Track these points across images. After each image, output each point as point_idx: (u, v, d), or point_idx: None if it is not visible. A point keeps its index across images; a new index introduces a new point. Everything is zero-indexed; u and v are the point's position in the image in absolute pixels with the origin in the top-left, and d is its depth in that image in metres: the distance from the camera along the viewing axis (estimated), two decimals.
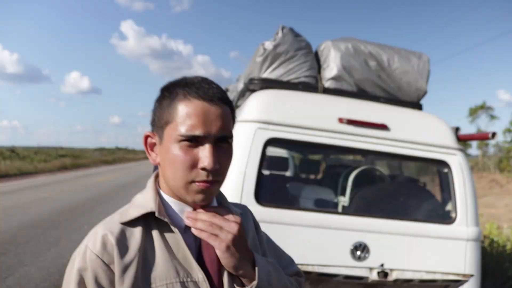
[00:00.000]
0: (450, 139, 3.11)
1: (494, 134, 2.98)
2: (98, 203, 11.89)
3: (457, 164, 3.04)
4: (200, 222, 1.10)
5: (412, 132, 3.06)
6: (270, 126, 2.76)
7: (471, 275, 2.63)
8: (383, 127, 2.99)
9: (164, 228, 1.12)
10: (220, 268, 1.13)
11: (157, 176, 1.22)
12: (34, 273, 5.56)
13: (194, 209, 1.15)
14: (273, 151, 5.82)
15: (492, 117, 43.87)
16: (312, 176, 5.55)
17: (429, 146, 3.02)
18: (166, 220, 1.10)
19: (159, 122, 1.12)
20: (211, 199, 1.14)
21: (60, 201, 11.87)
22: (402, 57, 3.51)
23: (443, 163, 3.06)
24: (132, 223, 1.11)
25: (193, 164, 1.05)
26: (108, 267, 1.04)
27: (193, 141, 1.06)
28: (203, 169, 1.05)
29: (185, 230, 1.15)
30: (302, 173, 5.27)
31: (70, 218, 9.43)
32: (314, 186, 3.94)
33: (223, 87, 1.25)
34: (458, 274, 2.58)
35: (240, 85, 4.33)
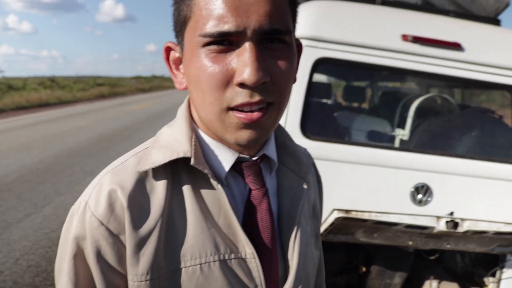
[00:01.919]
0: None
1: None
2: (134, 131, 11.83)
3: None
4: None
5: (489, 53, 2.51)
6: (321, 43, 2.27)
7: None
8: (456, 46, 2.44)
9: (200, 182, 0.75)
10: (273, 240, 0.79)
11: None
12: (70, 203, 5.45)
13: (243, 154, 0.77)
14: (315, 77, 5.33)
15: None
16: (357, 105, 5.05)
17: (509, 70, 2.48)
18: (206, 171, 0.71)
19: (177, 22, 0.72)
20: (265, 137, 0.73)
21: (97, 129, 11.94)
22: None
23: None
24: (154, 172, 0.75)
25: (227, 79, 0.67)
26: (116, 238, 0.72)
27: (224, 43, 0.67)
28: (242, 85, 0.66)
29: (229, 185, 0.79)
30: (346, 102, 4.76)
31: (106, 146, 9.40)
32: (367, 116, 3.47)
33: None
34: None
35: None
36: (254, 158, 0.80)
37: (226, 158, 0.77)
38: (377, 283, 2.75)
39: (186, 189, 0.75)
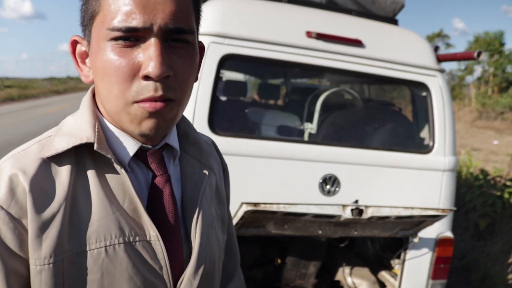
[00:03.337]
0: (430, 59, 2.74)
1: (479, 54, 2.63)
2: None
3: (437, 87, 2.70)
4: None
5: (389, 50, 2.67)
6: (226, 40, 2.29)
7: (450, 210, 2.37)
8: (357, 43, 2.57)
9: (105, 167, 0.79)
10: (176, 223, 0.85)
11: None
12: None
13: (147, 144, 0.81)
14: (228, 75, 5.35)
15: (448, 45, 44.14)
16: (272, 102, 5.16)
17: (407, 66, 2.65)
18: (109, 156, 0.74)
19: (85, 16, 0.75)
20: (167, 129, 0.77)
21: (5, 135, 11.14)
22: None
23: (422, 86, 2.71)
24: (57, 158, 0.77)
25: (133, 72, 0.72)
26: (17, 222, 0.72)
27: (131, 38, 0.72)
28: (146, 77, 0.72)
29: (133, 171, 0.83)
30: (261, 99, 4.85)
31: None
32: (277, 111, 3.55)
33: None
34: (437, 209, 2.31)
35: None
36: (157, 147, 0.85)
37: (129, 146, 0.81)
38: (293, 274, 2.83)
39: (91, 175, 0.77)
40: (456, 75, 37.67)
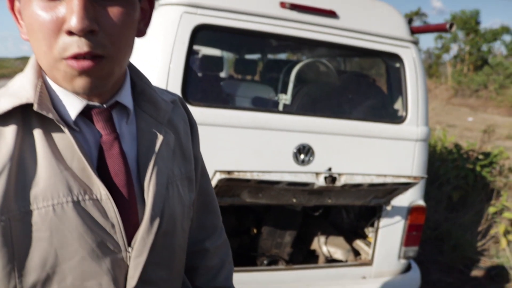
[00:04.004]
0: (403, 31, 2.77)
1: (452, 25, 2.66)
2: None
3: (410, 59, 2.73)
4: None
5: (363, 21, 2.68)
6: (199, 10, 2.27)
7: (422, 178, 2.43)
8: (331, 13, 2.58)
9: (51, 127, 0.76)
10: (128, 183, 0.83)
11: None
12: None
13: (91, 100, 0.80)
14: (204, 51, 5.32)
15: (426, 23, 44.56)
16: (250, 78, 5.16)
17: (381, 38, 2.67)
18: (50, 115, 0.72)
19: None
20: (103, 86, 0.76)
21: None
22: None
23: (395, 57, 2.74)
24: (2, 119, 0.75)
25: (57, 28, 0.70)
26: None
27: None
28: (70, 32, 0.70)
29: (81, 131, 0.79)
30: (238, 74, 4.84)
31: None
32: (251, 84, 3.56)
33: None
34: (409, 177, 2.37)
35: None
36: (105, 105, 0.83)
37: (74, 105, 0.79)
38: (268, 243, 2.87)
39: (38, 135, 0.75)
40: (433, 53, 38.00)
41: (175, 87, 2.20)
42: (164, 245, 0.88)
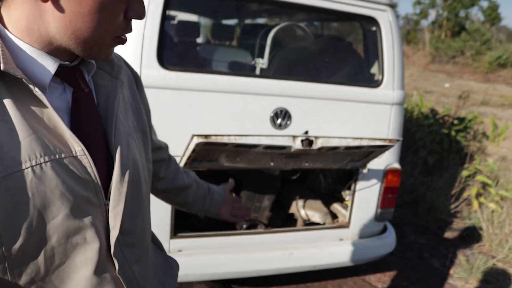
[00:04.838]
0: None
1: None
2: None
3: (387, 22, 2.72)
4: None
5: None
6: None
7: (397, 140, 2.46)
8: None
9: (21, 88, 0.73)
10: (101, 136, 0.86)
11: None
12: None
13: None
14: (181, 17, 5.22)
15: None
16: (227, 43, 5.10)
17: (358, 1, 2.65)
18: (19, 75, 0.70)
19: None
20: None
21: None
22: None
23: (372, 20, 2.73)
24: None
25: (122, 11, 0.79)
26: None
27: None
28: (135, 17, 0.81)
29: (53, 90, 0.78)
30: (215, 40, 4.78)
31: None
32: (228, 48, 3.51)
33: None
34: (384, 140, 2.40)
35: None
36: (75, 63, 0.84)
37: (48, 65, 0.78)
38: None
39: (7, 98, 0.72)
40: (412, 19, 37.99)
41: (150, 53, 2.16)
42: (133, 194, 0.91)
